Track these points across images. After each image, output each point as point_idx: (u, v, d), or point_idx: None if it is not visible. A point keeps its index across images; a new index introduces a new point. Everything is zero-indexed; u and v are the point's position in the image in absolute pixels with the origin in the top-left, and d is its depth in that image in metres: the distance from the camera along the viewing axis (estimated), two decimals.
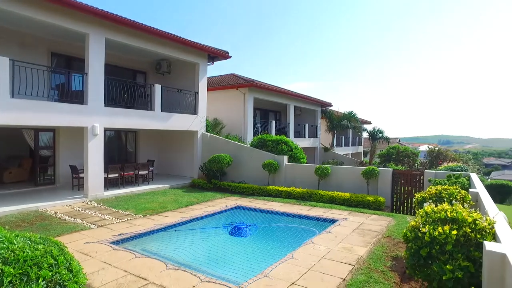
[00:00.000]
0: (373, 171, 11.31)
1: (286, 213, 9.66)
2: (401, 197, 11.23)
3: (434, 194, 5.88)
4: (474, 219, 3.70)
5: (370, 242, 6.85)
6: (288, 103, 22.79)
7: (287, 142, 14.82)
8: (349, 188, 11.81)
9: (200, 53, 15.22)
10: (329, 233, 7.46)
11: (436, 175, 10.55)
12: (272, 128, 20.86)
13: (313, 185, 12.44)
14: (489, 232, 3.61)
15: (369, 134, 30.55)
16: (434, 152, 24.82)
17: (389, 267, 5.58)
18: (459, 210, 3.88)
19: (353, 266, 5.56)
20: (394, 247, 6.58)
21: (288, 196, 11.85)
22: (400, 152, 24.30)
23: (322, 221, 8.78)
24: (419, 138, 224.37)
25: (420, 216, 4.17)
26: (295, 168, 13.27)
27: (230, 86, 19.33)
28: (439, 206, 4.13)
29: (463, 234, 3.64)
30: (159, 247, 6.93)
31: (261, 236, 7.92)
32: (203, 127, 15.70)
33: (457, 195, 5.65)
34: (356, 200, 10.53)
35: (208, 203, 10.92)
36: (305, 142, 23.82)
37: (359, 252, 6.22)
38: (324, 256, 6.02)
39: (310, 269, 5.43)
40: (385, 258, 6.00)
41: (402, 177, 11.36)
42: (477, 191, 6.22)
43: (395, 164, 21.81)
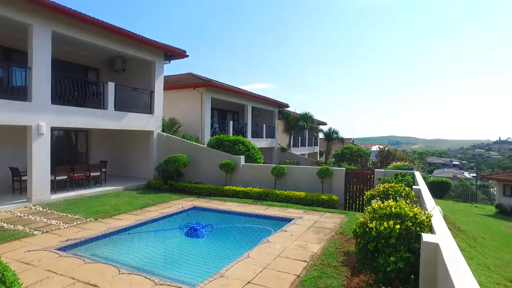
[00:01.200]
0: (327, 171, 11.73)
1: (243, 213, 9.72)
2: (353, 195, 11.74)
3: (382, 191, 6.23)
4: (415, 213, 3.99)
5: (324, 239, 7.10)
6: (246, 104, 22.91)
7: (244, 143, 14.90)
8: (305, 187, 12.14)
9: (157, 51, 14.83)
10: (284, 232, 7.62)
11: (385, 173, 11.19)
12: (230, 128, 20.85)
13: (270, 185, 12.62)
14: (427, 224, 3.91)
15: (324, 134, 31.52)
16: (384, 152, 26.26)
17: (341, 262, 5.83)
18: (402, 206, 4.15)
19: (308, 263, 5.74)
20: (346, 243, 6.88)
21: (245, 196, 11.92)
22: (354, 152, 25.40)
23: (278, 220, 8.95)
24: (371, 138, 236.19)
25: (368, 212, 4.41)
26: (252, 168, 13.38)
27: (187, 86, 19.04)
28: (385, 202, 4.39)
29: (405, 228, 3.91)
30: (111, 251, 6.66)
31: (217, 236, 7.90)
32: (159, 127, 15.31)
33: (402, 192, 6.03)
34: (311, 199, 10.86)
35: (164, 204, 10.67)
36: (262, 142, 24.08)
37: (313, 249, 6.43)
38: (280, 254, 6.14)
39: (266, 268, 5.52)
40: (338, 253, 6.26)
41: (355, 176, 11.89)
42: (419, 188, 6.69)
43: (348, 164, 22.75)
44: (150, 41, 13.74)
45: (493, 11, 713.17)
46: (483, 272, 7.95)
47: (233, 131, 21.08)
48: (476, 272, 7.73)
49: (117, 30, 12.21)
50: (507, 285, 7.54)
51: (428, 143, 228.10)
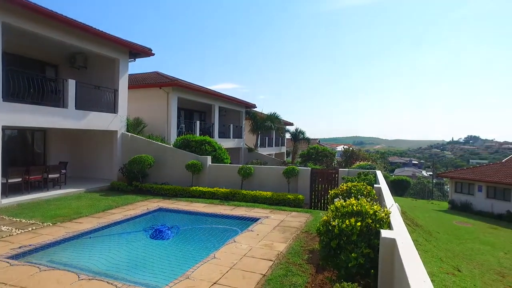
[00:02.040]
0: (293, 171, 11.94)
1: (210, 214, 9.67)
2: (319, 194, 12.04)
3: (345, 190, 6.46)
4: (375, 211, 4.18)
5: (289, 238, 7.23)
6: (213, 104, 22.76)
7: (211, 143, 14.81)
8: (271, 187, 12.28)
9: (121, 49, 14.36)
10: (251, 232, 7.67)
11: (349, 173, 11.57)
12: (197, 128, 20.64)
13: (236, 185, 12.64)
14: (385, 221, 4.11)
15: (291, 135, 31.99)
16: (349, 152, 27.13)
17: (306, 260, 5.97)
18: (363, 204, 4.34)
19: (273, 262, 5.82)
20: (311, 241, 7.04)
21: (212, 197, 11.86)
22: (319, 152, 26.00)
23: (245, 220, 8.99)
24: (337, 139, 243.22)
25: (331, 211, 4.56)
26: (219, 169, 13.34)
27: (153, 85, 18.61)
28: (347, 201, 4.56)
29: (366, 225, 4.09)
30: (71, 257, 6.38)
31: (183, 238, 7.81)
32: (123, 127, 14.84)
33: (364, 191, 6.29)
34: (278, 199, 11.00)
35: (128, 206, 10.36)
36: (229, 142, 24.04)
37: (279, 248, 6.53)
38: (246, 254, 6.18)
39: (232, 268, 5.53)
40: (303, 252, 6.39)
41: (320, 175, 12.20)
42: (380, 187, 7.01)
43: (314, 164, 23.26)
44: (113, 37, 13.28)
45: (453, 11, 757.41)
46: (436, 264, 8.46)
47: (200, 131, 20.88)
48: (430, 263, 8.20)
49: (75, 24, 11.61)
50: (454, 273, 8.09)
51: (389, 143, 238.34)
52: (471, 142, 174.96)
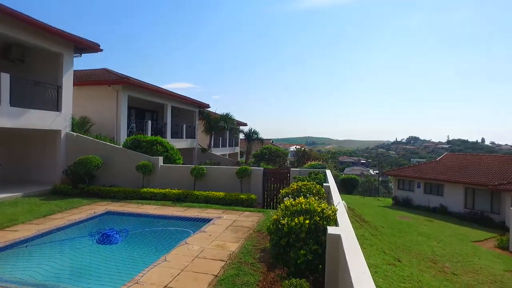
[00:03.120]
0: (245, 171, 12.04)
1: (161, 216, 9.43)
2: (271, 193, 12.25)
3: (295, 189, 6.65)
4: (322, 209, 4.37)
5: (242, 237, 7.28)
6: (165, 103, 22.20)
7: (163, 143, 14.45)
8: (224, 187, 12.27)
9: (65, 43, 13.47)
10: (203, 233, 7.62)
11: (300, 172, 11.92)
12: (148, 128, 20.00)
13: (189, 186, 12.46)
14: (332, 218, 4.31)
15: (245, 135, 32.17)
16: (301, 152, 27.92)
17: (258, 259, 6.05)
18: (311, 202, 4.51)
19: (225, 262, 5.83)
20: (263, 240, 7.15)
21: (163, 198, 11.58)
22: (273, 152, 26.48)
23: (198, 221, 8.90)
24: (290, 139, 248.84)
25: (281, 209, 4.68)
26: (171, 169, 13.05)
27: (101, 82, 17.69)
28: (297, 200, 4.71)
29: (314, 223, 4.26)
30: (1, 270, 5.84)
31: (133, 241, 7.54)
32: (68, 126, 13.95)
33: (313, 189, 6.53)
34: (230, 199, 11.03)
35: (73, 210, 9.77)
36: (182, 143, 23.61)
37: (231, 248, 6.55)
38: (198, 256, 6.13)
39: (183, 270, 5.46)
40: (255, 251, 6.48)
41: (272, 175, 12.43)
42: (329, 185, 7.32)
43: (267, 164, 23.62)
44: (56, 30, 12.41)
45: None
46: (380, 256, 9.02)
47: (152, 131, 20.26)
48: (375, 256, 8.72)
49: (8, 11, 10.65)
50: (395, 264, 8.71)
51: (340, 144, 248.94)
52: (412, 142, 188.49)
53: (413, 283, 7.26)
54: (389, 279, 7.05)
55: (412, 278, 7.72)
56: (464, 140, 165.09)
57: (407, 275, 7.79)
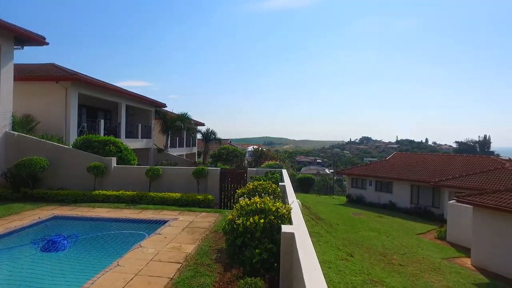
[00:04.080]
0: (202, 171, 11.93)
1: (114, 219, 9.07)
2: (228, 193, 12.25)
3: (251, 189, 6.70)
4: (277, 208, 4.45)
5: (198, 238, 7.21)
6: (119, 102, 21.32)
7: (117, 143, 13.88)
8: (181, 188, 12.07)
9: (4, 33, 12.43)
10: (159, 235, 7.44)
11: (257, 172, 12.04)
12: (101, 128, 19.07)
13: (144, 187, 12.10)
14: (287, 217, 4.41)
15: (202, 135, 31.85)
16: (258, 152, 28.19)
17: (215, 260, 6.03)
18: (266, 201, 4.58)
19: (181, 264, 5.75)
20: (219, 240, 7.14)
21: (117, 201, 11.13)
22: (230, 152, 26.44)
23: (153, 223, 8.67)
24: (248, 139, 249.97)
25: (236, 209, 4.70)
26: (125, 171, 12.58)
27: (48, 78, 16.52)
28: (252, 199, 4.76)
29: (269, 222, 4.32)
30: None
31: (83, 247, 7.15)
32: (7, 125, 12.90)
33: (269, 189, 6.63)
34: (187, 200, 10.88)
35: (13, 217, 9.06)
36: (138, 143, 22.84)
37: (188, 250, 6.47)
38: (153, 259, 5.98)
39: (137, 274, 5.29)
40: (211, 252, 6.45)
41: (229, 175, 12.43)
42: (284, 184, 7.47)
43: (225, 164, 23.55)
44: None
45: None
46: (333, 252, 9.39)
47: (105, 131, 19.36)
48: (329, 252, 9.06)
49: None
50: (348, 259, 9.11)
51: (297, 144, 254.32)
52: (365, 142, 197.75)
53: (363, 276, 7.64)
54: (342, 273, 7.36)
55: (362, 271, 8.12)
56: (411, 140, 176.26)
57: (358, 269, 8.18)
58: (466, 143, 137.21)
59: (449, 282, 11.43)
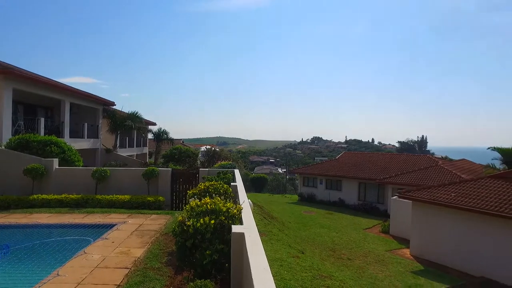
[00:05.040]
0: (153, 172, 11.58)
1: (56, 225, 8.47)
2: (180, 194, 12.02)
3: (203, 189, 6.63)
4: (228, 208, 4.45)
5: (148, 242, 6.98)
6: (63, 99, 19.93)
7: (59, 143, 12.97)
8: (131, 190, 11.61)
9: None
10: (105, 240, 7.08)
11: (209, 172, 11.94)
12: (41, 127, 17.68)
13: (90, 190, 11.45)
14: (237, 217, 4.43)
15: (154, 135, 30.90)
16: (211, 152, 27.93)
17: (165, 263, 5.88)
18: (217, 202, 4.55)
19: (130, 269, 5.52)
20: (170, 243, 6.97)
21: (59, 205, 10.41)
22: (183, 152, 25.90)
23: (99, 228, 8.23)
24: (201, 139, 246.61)
25: (186, 211, 4.63)
26: (68, 172, 11.81)
27: None
28: (202, 200, 4.71)
29: (220, 222, 4.31)
30: None
31: (16, 258, 6.52)
32: None
33: (221, 189, 6.60)
34: (137, 202, 10.49)
35: None
36: (84, 143, 21.55)
37: (137, 254, 6.23)
38: (98, 265, 5.67)
39: (80, 283, 4.99)
40: (162, 255, 6.28)
41: (181, 176, 12.19)
42: (236, 184, 7.49)
43: (176, 164, 23.05)
44: None
45: None
46: (285, 250, 9.59)
47: (46, 130, 17.98)
48: (281, 250, 9.24)
49: None
50: (299, 256, 9.37)
51: (250, 143, 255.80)
52: (316, 142, 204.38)
53: (313, 272, 7.90)
54: (292, 270, 7.54)
55: (312, 267, 8.39)
56: (359, 140, 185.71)
57: (308, 265, 8.44)
58: (407, 143, 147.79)
59: (391, 272, 12.24)
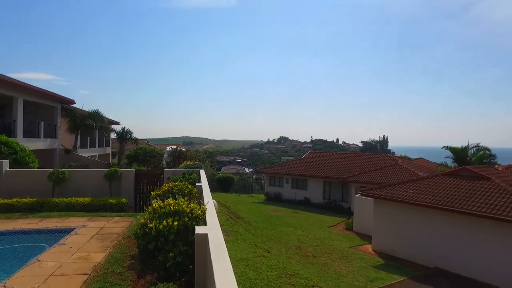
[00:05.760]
0: (115, 173, 11.18)
1: (5, 232, 7.88)
2: (144, 196, 11.69)
3: (167, 190, 6.49)
4: (191, 209, 4.38)
5: (109, 245, 6.72)
6: (14, 96, 18.70)
7: (10, 144, 12.17)
8: (92, 192, 11.12)
9: None
10: (62, 245, 6.73)
11: (174, 173, 11.72)
12: None
13: (46, 193, 10.84)
14: (201, 218, 4.38)
15: (117, 135, 29.87)
16: (177, 152, 27.44)
17: (127, 267, 5.69)
18: (180, 203, 4.47)
19: (89, 276, 5.29)
20: (133, 246, 6.74)
21: (10, 210, 9.72)
22: (147, 152, 25.27)
23: (56, 233, 7.80)
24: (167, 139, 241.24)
25: (149, 213, 4.50)
26: (21, 175, 11.12)
27: None
28: (165, 201, 4.60)
29: (183, 224, 4.23)
30: None
31: None
32: None
33: (185, 190, 6.50)
34: (98, 204, 10.07)
35: None
36: (40, 143, 20.35)
37: (97, 259, 5.98)
38: (54, 273, 5.38)
39: None
40: (124, 259, 6.07)
41: (145, 176, 11.87)
42: (201, 185, 7.40)
43: (137, 165, 22.43)
44: None
45: None
46: (251, 249, 9.63)
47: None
48: (247, 250, 9.27)
49: None
50: (265, 255, 9.45)
51: (217, 143, 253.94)
52: (282, 142, 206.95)
53: (279, 271, 7.98)
54: (258, 270, 7.58)
55: (278, 266, 8.48)
56: (324, 140, 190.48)
57: (274, 264, 8.52)
58: (369, 143, 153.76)
59: (354, 268, 12.65)
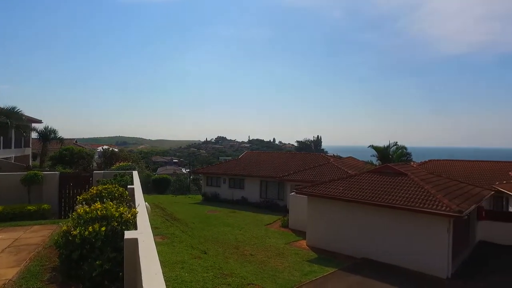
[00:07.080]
0: (35, 177, 10.15)
1: None
2: (70, 201, 10.81)
3: (95, 194, 6.07)
4: (121, 213, 4.16)
5: (26, 258, 6.07)
6: None
7: None
8: (6, 199, 9.94)
9: None
10: None
11: (105, 175, 11.02)
12: None
13: None
14: (132, 222, 4.18)
15: (39, 134, 27.12)
16: (108, 153, 25.84)
17: (47, 281, 5.18)
18: (109, 207, 4.22)
19: None
20: (55, 257, 6.16)
21: None
22: (75, 153, 23.41)
23: None
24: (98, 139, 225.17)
25: (73, 219, 4.18)
26: None
27: None
28: (92, 206, 4.30)
29: (111, 229, 4.00)
30: None
31: None
32: None
33: (116, 193, 6.14)
34: (13, 212, 9.04)
35: None
36: None
37: (8, 276, 5.32)
38: None
39: None
40: (44, 271, 5.52)
41: (72, 179, 11.00)
42: (133, 187, 7.06)
43: (63, 167, 20.67)
44: None
45: None
46: (187, 251, 9.43)
47: None
48: (182, 252, 9.05)
49: None
50: (201, 256, 9.35)
51: (153, 143, 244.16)
52: (220, 142, 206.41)
53: (215, 271, 7.95)
54: (194, 271, 7.46)
55: (214, 267, 8.45)
56: (261, 139, 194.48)
57: (210, 265, 8.46)
58: (304, 142, 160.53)
59: (290, 263, 13.12)
